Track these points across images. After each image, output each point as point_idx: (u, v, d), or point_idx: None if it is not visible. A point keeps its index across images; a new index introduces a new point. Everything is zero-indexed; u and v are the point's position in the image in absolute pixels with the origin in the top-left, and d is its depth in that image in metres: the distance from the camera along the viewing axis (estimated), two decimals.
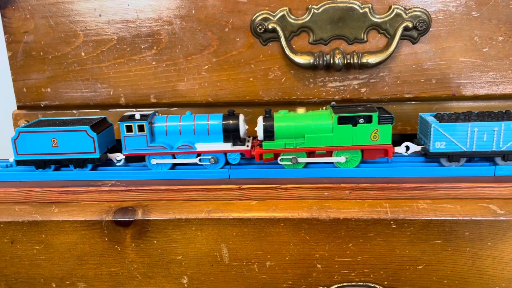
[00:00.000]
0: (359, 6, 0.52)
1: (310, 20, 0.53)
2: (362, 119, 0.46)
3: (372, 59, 0.52)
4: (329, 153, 0.48)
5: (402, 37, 0.53)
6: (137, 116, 0.49)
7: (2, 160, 0.56)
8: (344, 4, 0.52)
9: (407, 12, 0.52)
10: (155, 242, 0.44)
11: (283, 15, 0.53)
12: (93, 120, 0.52)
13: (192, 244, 0.44)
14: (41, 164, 0.50)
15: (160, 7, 0.54)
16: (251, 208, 0.44)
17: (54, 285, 0.47)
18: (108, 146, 0.52)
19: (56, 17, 0.56)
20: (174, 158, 0.49)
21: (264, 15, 0.53)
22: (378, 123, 0.46)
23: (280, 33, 0.53)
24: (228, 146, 0.49)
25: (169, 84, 0.57)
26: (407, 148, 0.49)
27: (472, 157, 0.47)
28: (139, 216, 0.44)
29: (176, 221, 0.44)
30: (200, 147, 0.49)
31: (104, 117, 0.53)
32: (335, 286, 0.44)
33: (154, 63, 0.56)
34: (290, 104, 0.57)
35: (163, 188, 0.46)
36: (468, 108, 0.55)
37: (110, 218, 0.44)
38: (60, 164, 0.51)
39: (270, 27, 0.53)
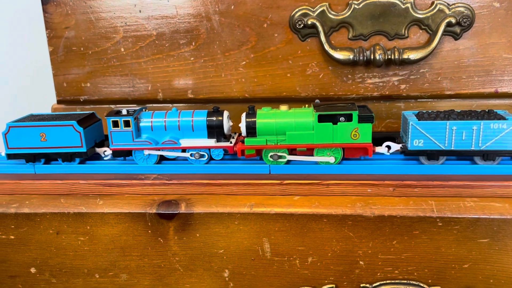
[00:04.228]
0: (400, 1, 0.52)
1: (350, 16, 0.53)
2: (342, 118, 0.46)
3: (413, 55, 0.51)
4: (310, 151, 0.48)
5: (444, 33, 0.52)
6: (124, 112, 0.49)
7: None
8: (386, 0, 0.52)
9: (450, 7, 0.51)
10: (197, 235, 0.45)
11: (323, 11, 0.53)
12: (81, 115, 0.52)
13: (234, 238, 0.44)
14: (31, 158, 0.50)
15: (199, 3, 0.55)
16: (293, 203, 0.44)
17: (97, 276, 0.47)
18: (96, 140, 0.53)
19: (97, 12, 0.57)
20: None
21: (304, 11, 0.53)
22: (358, 122, 0.46)
23: (320, 28, 0.53)
24: (211, 142, 0.49)
25: (207, 80, 0.57)
26: (389, 147, 0.48)
27: (451, 155, 0.46)
28: (183, 209, 0.44)
29: (219, 215, 0.44)
30: (184, 143, 0.49)
31: (93, 112, 0.54)
32: (378, 283, 0.44)
33: (192, 58, 0.57)
34: (328, 101, 0.56)
35: (205, 182, 0.47)
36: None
37: (154, 211, 0.44)
38: (49, 158, 0.51)
39: (309, 22, 0.53)
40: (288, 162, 0.49)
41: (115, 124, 0.49)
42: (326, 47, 0.53)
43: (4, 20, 0.89)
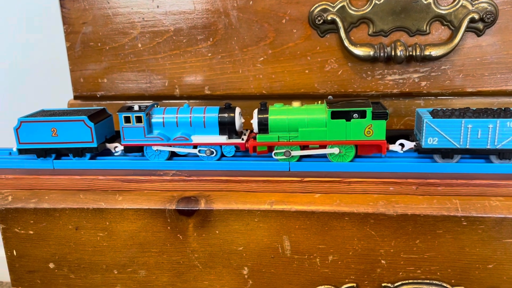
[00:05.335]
0: None
1: (371, 11, 0.52)
2: (356, 114, 0.45)
3: (435, 52, 0.51)
4: (323, 148, 0.47)
5: (467, 29, 0.51)
6: (136, 108, 0.49)
7: (5, 148, 0.56)
8: None
9: (473, 3, 0.50)
10: (217, 232, 0.44)
11: (343, 6, 0.52)
12: (92, 110, 0.52)
13: (254, 235, 0.44)
14: (42, 153, 0.50)
15: None
16: (314, 201, 0.44)
17: (115, 272, 0.47)
18: (107, 136, 0.52)
19: (114, 8, 0.56)
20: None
21: (323, 6, 0.52)
22: (372, 119, 0.45)
23: (340, 24, 0.52)
24: (223, 139, 0.49)
25: (224, 76, 0.57)
26: (402, 145, 0.48)
27: (466, 154, 0.45)
28: (202, 205, 0.44)
29: (239, 212, 0.44)
30: (196, 139, 0.49)
31: (103, 108, 0.54)
32: (400, 283, 0.43)
33: (209, 54, 0.56)
34: (346, 97, 0.56)
35: (224, 178, 0.46)
36: None
37: (174, 207, 0.44)
38: (60, 153, 0.51)
39: (329, 18, 0.52)
40: (300, 159, 0.48)
41: (127, 119, 0.49)
42: (346, 43, 0.52)
43: (22, 15, 0.89)
